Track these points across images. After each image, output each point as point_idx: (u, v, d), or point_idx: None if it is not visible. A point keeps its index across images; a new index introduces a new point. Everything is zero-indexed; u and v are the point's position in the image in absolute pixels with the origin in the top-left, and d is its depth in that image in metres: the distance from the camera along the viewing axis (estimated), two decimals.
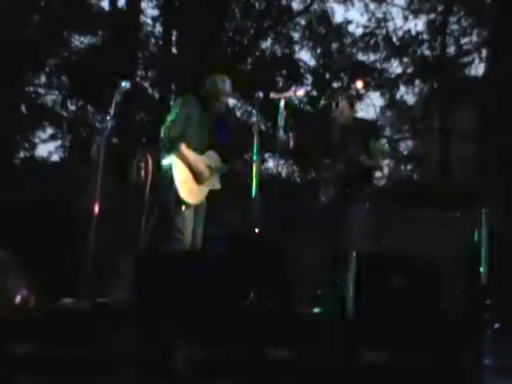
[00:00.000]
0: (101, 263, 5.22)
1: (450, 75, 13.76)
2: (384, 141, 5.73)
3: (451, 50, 13.91)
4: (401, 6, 13.87)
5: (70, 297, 5.00)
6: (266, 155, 11.97)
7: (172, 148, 5.41)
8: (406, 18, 13.83)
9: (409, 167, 16.43)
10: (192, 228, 5.52)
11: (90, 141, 5.44)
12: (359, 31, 14.06)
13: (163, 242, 5.46)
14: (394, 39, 13.91)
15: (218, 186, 5.70)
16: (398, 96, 14.42)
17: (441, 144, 13.99)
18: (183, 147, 5.44)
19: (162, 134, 5.44)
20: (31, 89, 13.43)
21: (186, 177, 5.46)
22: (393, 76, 14.14)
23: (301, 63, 13.95)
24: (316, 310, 5.08)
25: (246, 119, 13.56)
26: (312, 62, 14.03)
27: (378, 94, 14.05)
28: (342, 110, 5.67)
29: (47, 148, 14.01)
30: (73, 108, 13.51)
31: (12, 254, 5.28)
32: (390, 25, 13.93)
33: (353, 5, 13.89)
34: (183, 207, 5.41)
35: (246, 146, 5.55)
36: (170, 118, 5.51)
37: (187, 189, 5.44)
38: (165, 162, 5.47)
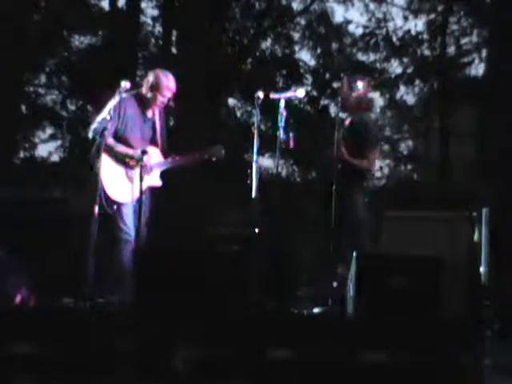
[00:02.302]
0: (100, 263, 5.22)
1: (449, 75, 13.77)
2: None
3: (451, 49, 13.94)
4: (401, 6, 13.92)
5: (70, 297, 5.01)
6: (267, 155, 11.99)
7: (98, 145, 5.39)
8: (405, 18, 13.86)
9: (409, 167, 16.44)
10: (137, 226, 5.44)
11: (89, 141, 5.42)
12: (359, 31, 14.10)
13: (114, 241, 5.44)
14: (394, 39, 13.93)
15: (158, 183, 5.60)
16: (398, 96, 14.44)
17: (441, 144, 14.00)
18: (111, 143, 5.42)
19: (90, 133, 5.41)
20: (31, 89, 13.45)
21: (114, 174, 5.41)
22: (393, 76, 14.16)
23: (301, 63, 13.98)
24: (316, 309, 5.08)
25: (246, 119, 13.58)
26: (312, 62, 14.06)
27: (377, 94, 14.08)
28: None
29: (47, 148, 14.02)
30: (73, 108, 13.54)
31: (12, 254, 5.29)
32: (390, 25, 13.98)
33: (353, 5, 13.93)
34: (115, 206, 5.37)
35: (246, 145, 5.52)
36: (99, 117, 5.51)
37: (115, 186, 5.38)
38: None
